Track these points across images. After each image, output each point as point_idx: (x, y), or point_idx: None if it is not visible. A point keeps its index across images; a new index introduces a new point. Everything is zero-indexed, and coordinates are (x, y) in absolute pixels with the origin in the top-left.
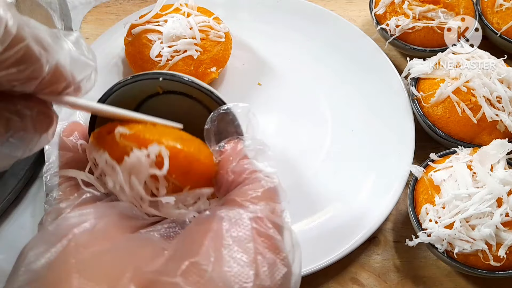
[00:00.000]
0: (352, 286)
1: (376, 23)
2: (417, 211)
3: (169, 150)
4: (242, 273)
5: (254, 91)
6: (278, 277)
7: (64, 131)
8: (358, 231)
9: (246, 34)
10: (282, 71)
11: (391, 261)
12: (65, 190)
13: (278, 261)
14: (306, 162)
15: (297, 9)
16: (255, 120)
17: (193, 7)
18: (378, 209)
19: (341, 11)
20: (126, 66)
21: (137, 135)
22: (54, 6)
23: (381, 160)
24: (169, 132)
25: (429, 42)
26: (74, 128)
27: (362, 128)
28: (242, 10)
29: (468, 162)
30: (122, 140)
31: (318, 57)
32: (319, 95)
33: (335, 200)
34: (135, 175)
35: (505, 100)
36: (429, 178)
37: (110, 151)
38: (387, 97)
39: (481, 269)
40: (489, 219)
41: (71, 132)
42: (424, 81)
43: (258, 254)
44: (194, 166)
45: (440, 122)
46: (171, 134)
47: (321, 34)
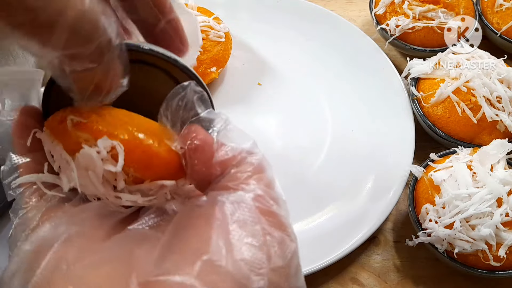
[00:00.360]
0: (352, 286)
1: (376, 23)
2: (417, 211)
3: (124, 145)
4: (255, 259)
5: (254, 91)
6: (289, 255)
7: (15, 131)
8: (358, 231)
9: (246, 34)
10: (282, 71)
11: (391, 261)
12: (29, 197)
13: (286, 238)
14: (306, 162)
15: (297, 9)
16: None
17: (193, 7)
18: (378, 209)
19: (341, 11)
20: None
21: (90, 125)
22: None
23: (381, 160)
24: (128, 121)
25: (429, 42)
26: (26, 119)
27: (362, 128)
28: (242, 10)
29: (468, 162)
30: (75, 131)
31: (318, 57)
32: (319, 95)
33: (335, 200)
34: (92, 170)
35: (505, 100)
36: (429, 178)
37: (64, 143)
38: (387, 97)
39: (481, 269)
40: (489, 219)
41: (23, 127)
42: (424, 81)
43: (267, 235)
44: (153, 160)
45: (440, 122)
46: (130, 123)
47: (321, 34)
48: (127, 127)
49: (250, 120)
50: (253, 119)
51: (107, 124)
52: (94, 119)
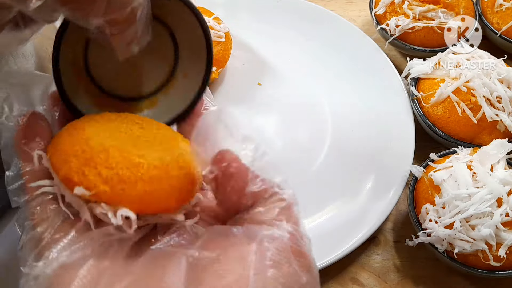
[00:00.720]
0: (352, 286)
1: (376, 23)
2: (417, 211)
3: (137, 212)
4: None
5: (254, 91)
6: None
7: (19, 135)
8: (358, 231)
9: (246, 34)
10: (282, 71)
11: (391, 261)
12: (36, 209)
13: (313, 281)
14: (306, 162)
15: (297, 9)
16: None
17: None
18: (378, 209)
19: (341, 11)
20: None
21: (98, 196)
22: None
23: (381, 160)
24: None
25: (429, 42)
26: (32, 128)
27: (362, 128)
28: (242, 10)
29: (468, 162)
30: (84, 196)
31: (318, 57)
32: (319, 95)
33: (335, 200)
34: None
35: (505, 100)
36: (429, 178)
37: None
38: (387, 97)
39: (481, 269)
40: (489, 219)
41: (30, 135)
42: (424, 81)
43: (297, 277)
44: (168, 208)
45: (440, 122)
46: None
47: (321, 34)
48: (136, 172)
49: (250, 120)
50: (253, 119)
51: (118, 194)
52: (102, 190)
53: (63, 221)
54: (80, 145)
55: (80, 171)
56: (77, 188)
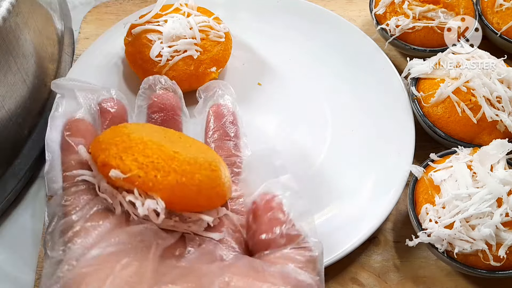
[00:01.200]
0: (352, 286)
1: (376, 23)
2: (417, 211)
3: (167, 202)
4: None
5: (254, 91)
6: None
7: (67, 129)
8: (358, 231)
9: (246, 34)
10: (282, 71)
11: (391, 261)
12: (73, 195)
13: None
14: (306, 162)
15: (297, 9)
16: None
17: (193, 7)
18: (378, 209)
19: (341, 11)
20: (126, 66)
21: (132, 180)
22: (54, 6)
23: (381, 160)
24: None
25: (429, 42)
26: (78, 126)
27: (362, 128)
28: (242, 10)
29: (468, 162)
30: (118, 181)
31: (318, 57)
32: (319, 95)
33: (335, 200)
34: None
35: (505, 100)
36: (429, 178)
37: (108, 181)
38: (387, 97)
39: (481, 269)
40: (489, 219)
41: (75, 131)
42: (424, 81)
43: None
44: (197, 206)
45: (440, 122)
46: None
47: (321, 34)
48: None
49: (250, 120)
50: (253, 119)
51: (151, 180)
52: (136, 174)
53: (96, 211)
54: (120, 136)
55: (118, 156)
56: (113, 171)
